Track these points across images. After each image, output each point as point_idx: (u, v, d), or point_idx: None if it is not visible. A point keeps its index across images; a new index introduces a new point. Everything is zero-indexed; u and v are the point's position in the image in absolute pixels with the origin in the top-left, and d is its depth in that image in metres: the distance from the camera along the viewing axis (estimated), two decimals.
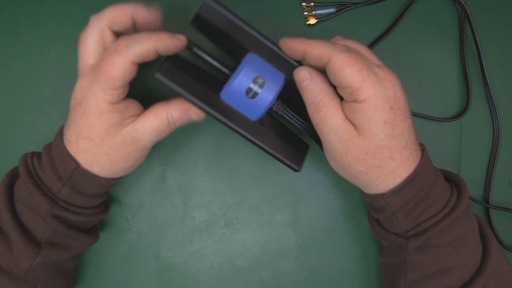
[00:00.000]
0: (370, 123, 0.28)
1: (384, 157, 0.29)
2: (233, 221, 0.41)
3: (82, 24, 0.40)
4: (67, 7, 0.40)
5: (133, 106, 0.31)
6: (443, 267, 0.31)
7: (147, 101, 0.33)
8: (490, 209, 0.41)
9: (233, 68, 0.32)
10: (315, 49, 0.28)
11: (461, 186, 0.32)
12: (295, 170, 0.34)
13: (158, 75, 0.30)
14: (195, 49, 0.32)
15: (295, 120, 0.34)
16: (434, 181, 0.31)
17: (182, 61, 0.32)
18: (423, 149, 0.32)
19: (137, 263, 0.40)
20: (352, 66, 0.27)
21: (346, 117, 0.29)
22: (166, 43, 0.29)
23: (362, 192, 0.33)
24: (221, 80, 0.32)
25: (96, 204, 0.34)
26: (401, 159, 0.29)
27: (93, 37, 0.30)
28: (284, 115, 0.33)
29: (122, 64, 0.28)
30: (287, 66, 0.32)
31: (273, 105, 0.33)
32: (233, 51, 0.32)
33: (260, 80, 0.30)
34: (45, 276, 0.32)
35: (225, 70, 0.32)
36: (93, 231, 0.37)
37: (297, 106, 0.34)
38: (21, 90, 0.40)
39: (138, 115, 0.31)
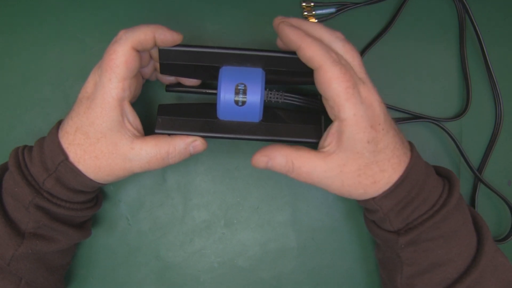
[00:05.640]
0: (355, 143, 0.29)
1: (375, 172, 0.30)
2: (233, 221, 0.41)
3: (82, 24, 0.40)
4: (68, 7, 0.40)
5: (134, 116, 0.32)
6: (437, 260, 0.31)
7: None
8: (478, 184, 0.41)
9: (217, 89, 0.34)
10: (309, 51, 0.29)
11: (452, 181, 0.33)
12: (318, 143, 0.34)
13: (158, 130, 0.33)
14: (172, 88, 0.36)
15: (296, 100, 0.36)
16: (425, 178, 0.32)
17: (172, 106, 0.35)
18: (411, 148, 0.32)
19: (137, 263, 0.40)
20: (340, 82, 0.28)
21: (324, 153, 0.30)
22: (164, 31, 0.31)
23: None
24: (214, 104, 0.34)
25: (81, 200, 0.34)
26: (392, 167, 0.30)
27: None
28: (285, 101, 0.35)
29: (122, 50, 0.30)
30: (259, 59, 0.33)
31: (270, 97, 0.34)
32: (210, 76, 0.34)
33: (241, 87, 0.32)
34: (29, 268, 0.32)
35: (211, 91, 0.36)
36: (83, 226, 0.36)
37: (294, 87, 0.37)
38: (21, 90, 0.40)
39: (137, 131, 0.32)
